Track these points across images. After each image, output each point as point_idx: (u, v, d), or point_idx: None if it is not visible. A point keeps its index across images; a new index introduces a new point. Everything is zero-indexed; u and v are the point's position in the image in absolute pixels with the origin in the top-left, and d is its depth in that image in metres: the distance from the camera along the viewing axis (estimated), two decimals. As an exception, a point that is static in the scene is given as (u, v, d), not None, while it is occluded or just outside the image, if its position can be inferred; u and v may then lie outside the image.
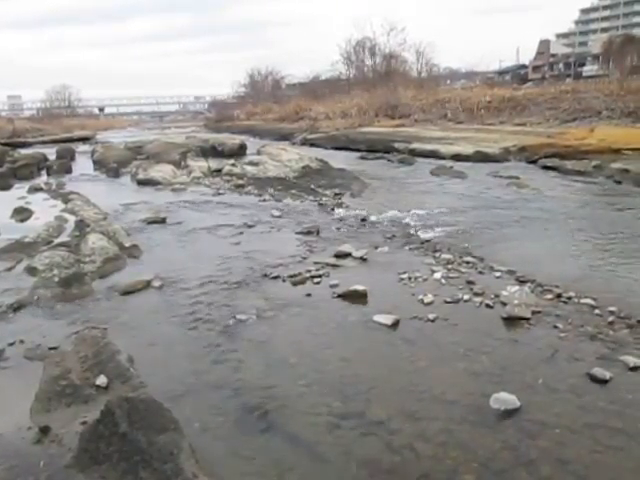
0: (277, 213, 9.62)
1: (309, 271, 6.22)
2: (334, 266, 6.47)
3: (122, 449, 2.99)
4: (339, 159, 18.20)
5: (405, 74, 43.18)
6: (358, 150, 21.34)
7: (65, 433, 3.37)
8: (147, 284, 5.96)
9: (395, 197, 11.46)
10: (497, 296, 5.31)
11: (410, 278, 5.94)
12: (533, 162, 15.72)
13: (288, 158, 15.79)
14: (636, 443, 3.22)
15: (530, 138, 18.11)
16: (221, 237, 8.11)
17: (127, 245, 7.41)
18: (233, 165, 15.60)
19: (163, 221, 9.20)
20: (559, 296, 5.30)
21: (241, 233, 8.29)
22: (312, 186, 12.62)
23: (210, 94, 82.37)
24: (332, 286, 5.76)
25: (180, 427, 3.23)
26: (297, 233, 8.16)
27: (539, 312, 4.96)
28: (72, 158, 20.52)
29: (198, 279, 6.09)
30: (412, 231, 8.21)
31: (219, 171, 15.18)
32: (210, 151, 18.98)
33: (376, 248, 7.20)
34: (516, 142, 17.63)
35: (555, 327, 4.67)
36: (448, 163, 16.27)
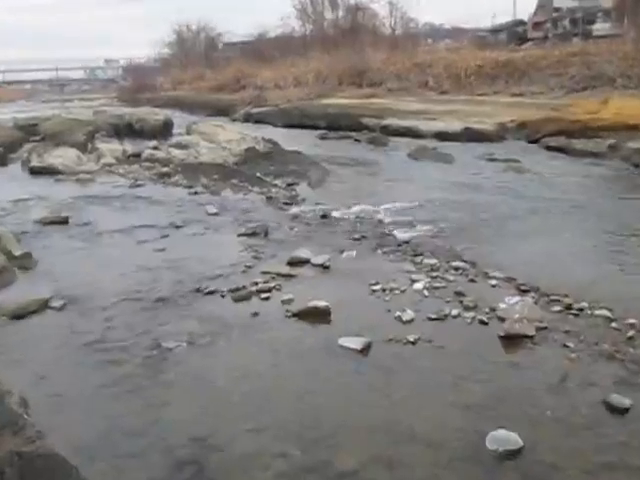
0: (213, 210, 9.56)
1: (255, 284, 6.21)
2: (287, 276, 6.47)
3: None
4: (293, 139, 18.20)
5: (375, 31, 43.65)
6: (317, 128, 21.44)
7: None
8: (44, 304, 5.82)
9: (364, 187, 11.56)
10: (493, 310, 5.42)
11: (384, 290, 5.99)
12: (535, 141, 16.14)
13: (227, 139, 15.71)
14: (663, 486, 3.34)
15: (531, 112, 18.54)
16: (141, 242, 8.00)
17: (16, 254, 7.23)
18: (156, 148, 15.42)
19: (65, 221, 9.02)
20: (569, 307, 5.44)
21: (166, 236, 8.21)
22: (258, 174, 12.60)
23: (125, 57, 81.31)
24: (285, 302, 5.76)
25: (90, 489, 3.17)
26: (239, 235, 8.13)
27: (545, 328, 5.08)
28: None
29: (111, 296, 5.99)
30: (386, 230, 8.29)
31: (137, 156, 14.98)
32: (126, 130, 18.72)
33: (341, 253, 7.25)
34: (514, 117, 18.03)
35: (564, 346, 4.80)
36: (430, 143, 16.52)
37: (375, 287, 6.06)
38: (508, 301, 5.48)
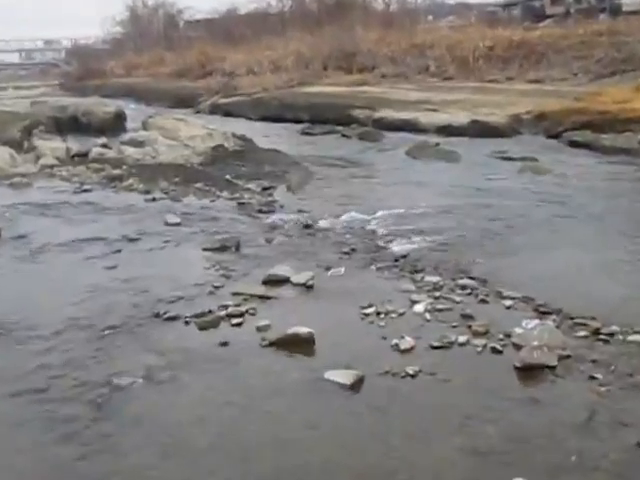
0: (174, 219, 9.53)
1: (225, 307, 6.20)
2: (263, 298, 6.47)
3: None
4: (269, 135, 18.25)
5: (366, 6, 43.96)
6: (298, 121, 21.52)
7: None
8: (-31, 334, 5.77)
9: (354, 191, 11.59)
10: (508, 336, 5.44)
11: (378, 314, 6.00)
12: (555, 136, 16.28)
13: (190, 135, 15.69)
14: None
15: (551, 101, 18.70)
16: (88, 258, 7.95)
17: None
18: (105, 146, 15.35)
19: (-5, 235, 8.96)
20: (597, 332, 5.48)
21: (119, 251, 8.17)
22: (228, 177, 12.60)
23: (69, 37, 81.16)
24: (261, 329, 5.75)
25: None
26: (206, 249, 8.12)
27: (568, 357, 5.11)
28: None
29: (52, 324, 5.94)
30: (380, 242, 8.33)
31: (84, 155, 14.89)
32: (70, 125, 18.62)
33: (327, 269, 7.26)
34: (530, 107, 18.19)
35: (592, 378, 4.82)
36: (432, 139, 16.59)
37: (367, 310, 6.07)
38: (525, 325, 5.51)
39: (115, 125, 19.18)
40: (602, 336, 5.41)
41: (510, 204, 10.13)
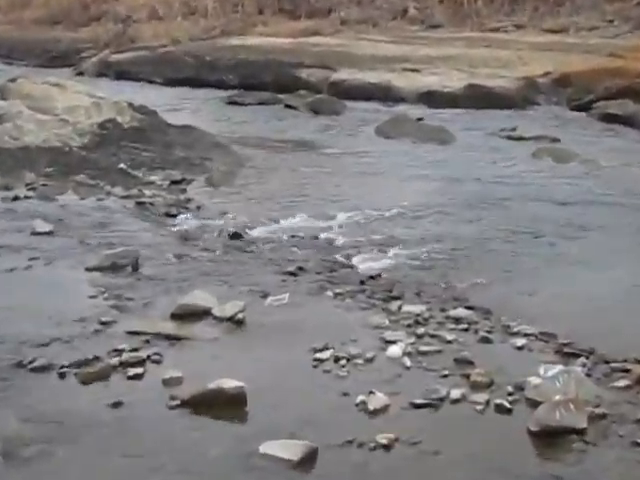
0: (45, 227, 9.40)
1: (117, 352, 6.13)
2: (173, 339, 6.43)
3: None
4: (182, 105, 18.19)
5: None
6: (223, 86, 21.49)
7: None
8: None
9: (303, 186, 11.60)
10: (520, 388, 5.47)
11: (338, 359, 5.97)
12: (583, 108, 16.50)
13: (69, 105, 15.50)
14: None
15: (576, 59, 18.90)
16: None
17: None
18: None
19: None
20: (641, 381, 5.55)
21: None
22: (122, 165, 12.49)
23: None
24: (169, 383, 5.70)
25: None
26: (90, 269, 8.06)
27: (604, 416, 5.14)
28: None
29: None
30: (340, 257, 8.35)
31: None
32: None
33: (264, 297, 7.23)
34: (549, 67, 18.35)
35: (636, 445, 4.86)
36: (412, 111, 16.72)
37: (322, 354, 6.04)
38: (544, 373, 5.55)
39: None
40: (650, 386, 5.49)
41: (521, 203, 10.25)
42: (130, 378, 5.85)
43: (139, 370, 5.93)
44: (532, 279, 7.65)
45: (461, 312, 6.79)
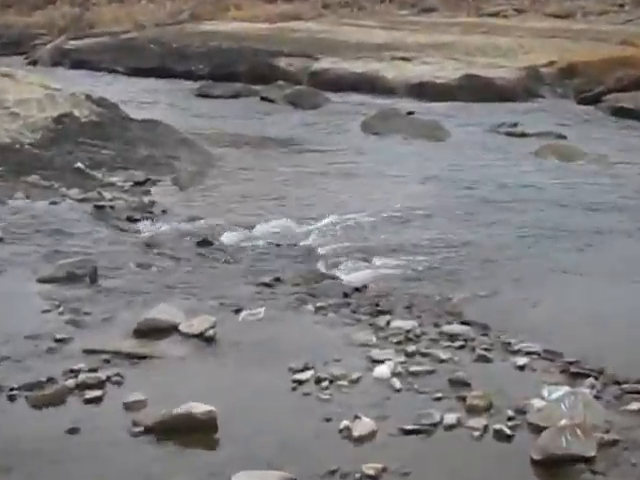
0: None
1: (74, 373, 6.10)
2: (135, 358, 6.40)
3: None
4: (146, 98, 18.12)
5: None
6: (192, 77, 21.45)
7: None
8: None
9: (281, 187, 11.59)
10: (521, 412, 5.46)
11: (319, 381, 5.95)
12: (591, 101, 16.55)
13: (21, 98, 15.49)
14: None
15: (584, 47, 18.97)
16: None
17: None
18: None
19: None
20: (657, 404, 5.57)
21: None
22: (80, 165, 12.43)
23: None
24: (131, 407, 5.65)
25: None
26: (43, 281, 8.02)
27: (615, 443, 5.14)
28: None
29: None
30: (322, 267, 8.35)
31: None
32: None
33: (237, 311, 7.21)
34: (554, 56, 18.39)
35: (651, 476, 4.89)
36: (402, 104, 16.76)
37: (302, 375, 6.01)
38: (548, 395, 5.56)
39: None
40: (666, 410, 5.51)
41: (522, 207, 10.27)
42: (88, 402, 5.79)
43: (98, 393, 5.87)
44: (535, 291, 7.65)
45: (456, 328, 6.78)
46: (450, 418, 5.44)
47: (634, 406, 5.55)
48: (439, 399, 5.71)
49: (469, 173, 11.98)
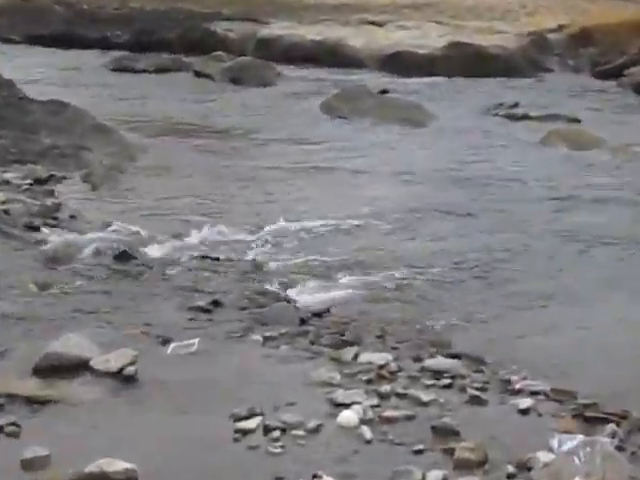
0: None
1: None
2: (36, 402, 6.37)
3: None
4: (51, 73, 18.10)
5: None
6: (107, 46, 21.43)
7: None
8: None
9: (219, 186, 11.58)
10: (524, 467, 5.46)
11: (269, 430, 5.93)
12: (611, 74, 16.62)
13: None
14: None
15: (600, 6, 19.08)
16: None
17: None
18: None
19: None
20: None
21: None
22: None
23: None
24: (30, 465, 5.53)
25: None
26: None
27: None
28: None
29: None
30: (272, 286, 8.35)
31: None
32: None
33: (164, 343, 7.21)
34: (564, 19, 18.49)
35: None
36: (373, 79, 16.84)
37: (246, 423, 5.99)
38: (558, 446, 5.57)
39: None
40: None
41: (522, 209, 10.37)
42: (-26, 458, 5.82)
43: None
44: (538, 315, 7.71)
45: (442, 362, 6.80)
46: (434, 476, 5.38)
47: (666, 460, 5.56)
48: (420, 452, 5.66)
49: (456, 168, 12.03)
